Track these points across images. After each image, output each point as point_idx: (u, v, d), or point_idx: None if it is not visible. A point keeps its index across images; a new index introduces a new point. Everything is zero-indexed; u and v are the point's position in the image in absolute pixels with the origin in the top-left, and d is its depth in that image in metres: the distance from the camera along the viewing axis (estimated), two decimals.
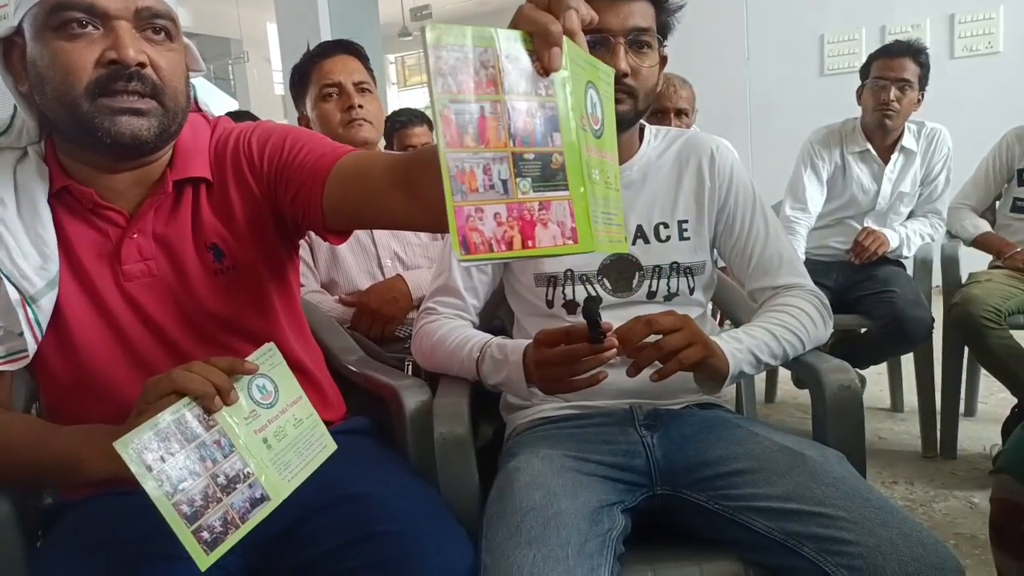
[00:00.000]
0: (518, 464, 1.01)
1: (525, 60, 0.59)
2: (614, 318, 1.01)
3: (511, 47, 0.58)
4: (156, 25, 0.88)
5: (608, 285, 1.18)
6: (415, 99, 9.42)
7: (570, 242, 0.59)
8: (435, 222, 0.82)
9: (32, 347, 0.91)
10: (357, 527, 0.88)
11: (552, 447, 1.05)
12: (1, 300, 0.89)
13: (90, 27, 0.84)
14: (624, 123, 1.14)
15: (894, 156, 2.39)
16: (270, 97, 8.55)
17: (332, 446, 0.87)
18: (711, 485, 0.99)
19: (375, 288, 1.64)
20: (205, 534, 0.72)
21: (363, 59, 1.77)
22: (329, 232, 0.95)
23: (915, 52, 2.30)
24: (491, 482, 1.04)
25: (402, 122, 3.04)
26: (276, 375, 0.85)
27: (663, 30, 1.15)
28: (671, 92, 2.30)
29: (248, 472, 0.78)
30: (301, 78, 1.77)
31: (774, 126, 4.62)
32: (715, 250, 1.26)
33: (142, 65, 0.85)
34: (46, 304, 0.91)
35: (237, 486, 0.76)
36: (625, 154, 1.19)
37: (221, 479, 0.75)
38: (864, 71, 2.40)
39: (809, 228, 2.48)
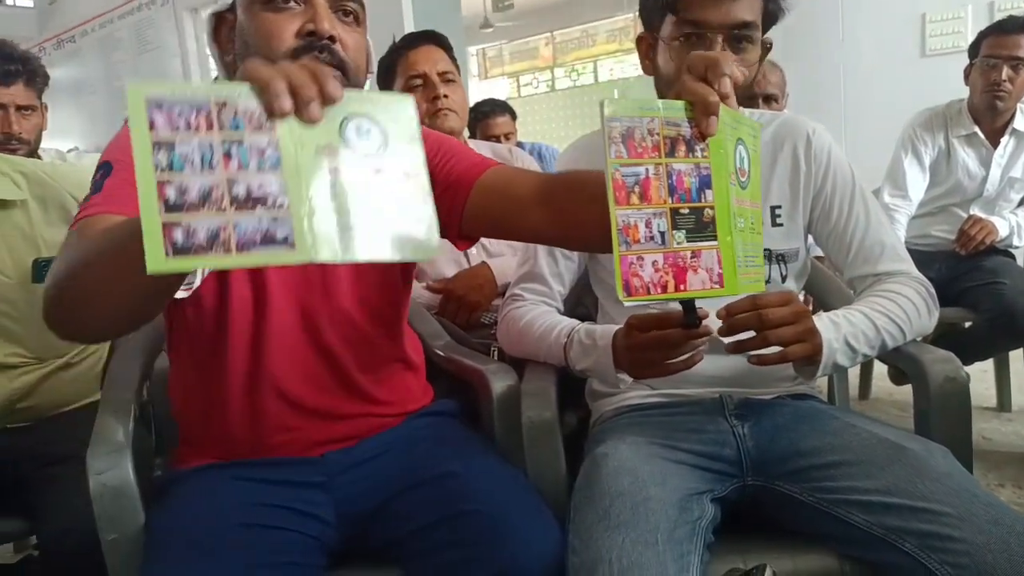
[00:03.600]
0: (605, 450, 1.00)
1: (685, 126, 0.69)
2: (705, 306, 0.99)
3: (673, 116, 0.69)
4: (347, 8, 0.96)
5: None
6: (496, 90, 9.49)
7: (716, 286, 0.69)
8: (567, 237, 0.91)
9: (197, 281, 0.91)
10: (446, 506, 0.91)
11: (639, 434, 1.04)
12: None
13: (292, 3, 0.93)
14: None
15: (1004, 139, 2.25)
16: None
17: (434, 237, 0.59)
18: (806, 476, 0.97)
19: (461, 275, 1.66)
20: (178, 234, 0.51)
21: (447, 49, 1.79)
22: (460, 238, 0.98)
23: None
24: (576, 470, 1.04)
25: (485, 112, 3.06)
26: (395, 131, 0.60)
27: (770, 18, 1.09)
28: (759, 77, 2.23)
29: (281, 203, 0.55)
30: (387, 70, 1.81)
31: (870, 111, 4.39)
32: (810, 236, 1.21)
33: (333, 39, 0.92)
34: None
35: (256, 208, 0.54)
36: None
37: (239, 189, 0.54)
38: (973, 49, 2.27)
39: (909, 216, 2.37)
